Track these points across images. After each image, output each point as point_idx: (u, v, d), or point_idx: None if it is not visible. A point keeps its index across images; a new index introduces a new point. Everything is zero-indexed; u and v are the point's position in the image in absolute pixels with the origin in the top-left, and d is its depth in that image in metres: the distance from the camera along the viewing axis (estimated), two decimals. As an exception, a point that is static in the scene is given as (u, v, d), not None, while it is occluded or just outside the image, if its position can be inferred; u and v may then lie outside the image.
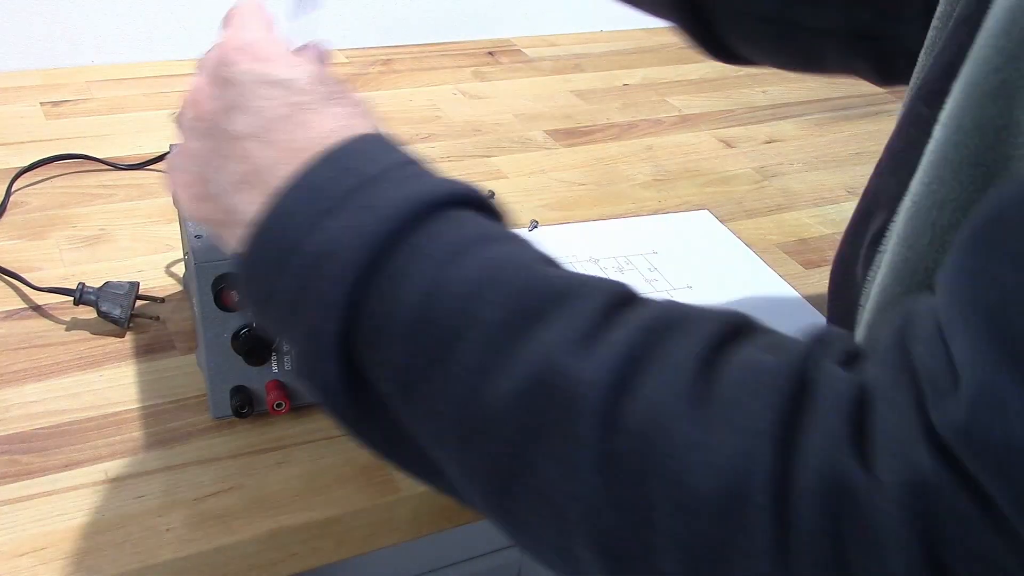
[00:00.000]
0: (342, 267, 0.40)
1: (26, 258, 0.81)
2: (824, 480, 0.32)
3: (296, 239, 0.42)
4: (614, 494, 0.36)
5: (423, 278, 0.40)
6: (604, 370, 0.36)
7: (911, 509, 0.31)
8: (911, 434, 0.32)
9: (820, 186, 1.06)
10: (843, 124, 1.20)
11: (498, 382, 0.38)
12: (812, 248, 0.94)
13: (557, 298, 0.39)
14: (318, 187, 0.43)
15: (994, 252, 0.31)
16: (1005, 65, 0.35)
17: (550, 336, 0.38)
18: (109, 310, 0.72)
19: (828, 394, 0.34)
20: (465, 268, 0.40)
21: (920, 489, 0.31)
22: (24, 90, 1.11)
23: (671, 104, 1.23)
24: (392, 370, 0.41)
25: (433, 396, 0.40)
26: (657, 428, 0.35)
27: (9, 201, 0.89)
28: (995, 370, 0.29)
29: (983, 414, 0.29)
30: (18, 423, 0.64)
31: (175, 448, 0.63)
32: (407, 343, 0.40)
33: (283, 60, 0.49)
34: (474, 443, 0.39)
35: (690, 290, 0.84)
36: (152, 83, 1.14)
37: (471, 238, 0.42)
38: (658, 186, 1.03)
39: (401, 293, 0.40)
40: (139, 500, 0.59)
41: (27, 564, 0.55)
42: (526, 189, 1.00)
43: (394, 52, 1.31)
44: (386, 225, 0.41)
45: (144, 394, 0.68)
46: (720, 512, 0.34)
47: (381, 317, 0.40)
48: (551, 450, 0.37)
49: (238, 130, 0.47)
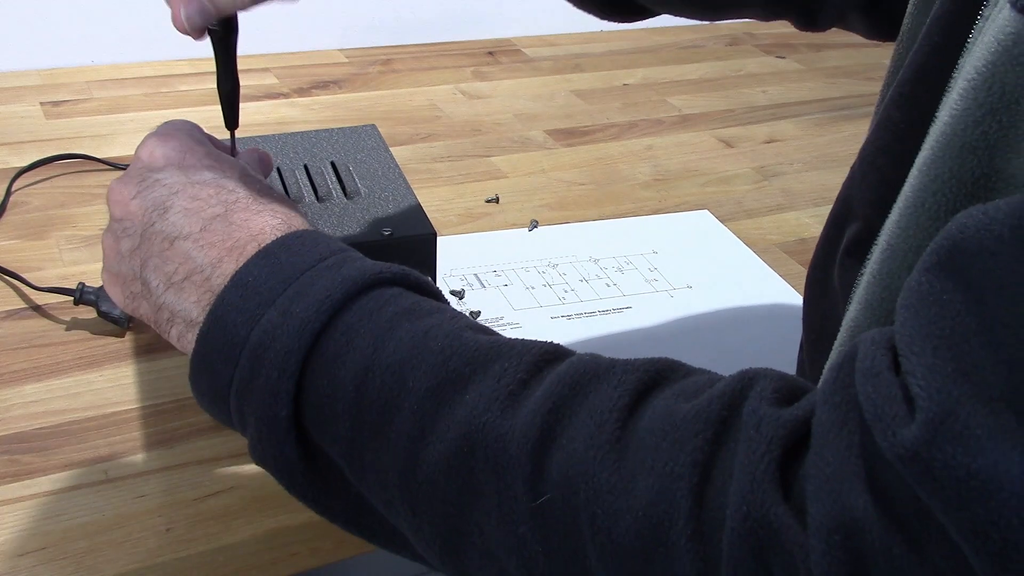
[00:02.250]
0: (285, 354, 0.43)
1: (26, 258, 0.81)
2: (745, 519, 0.33)
3: (242, 333, 0.44)
4: (547, 544, 0.37)
5: (359, 355, 0.43)
6: (528, 425, 0.38)
7: (839, 547, 0.31)
8: (846, 473, 0.32)
9: (820, 186, 1.06)
10: (843, 124, 1.20)
11: (433, 446, 0.40)
12: (812, 248, 0.93)
13: (483, 361, 0.41)
14: (258, 282, 0.46)
15: (952, 279, 0.31)
16: (984, 118, 0.35)
17: (476, 398, 0.40)
18: (109, 310, 0.72)
19: (751, 435, 0.35)
20: (395, 341, 0.42)
21: (849, 528, 0.31)
22: (24, 90, 1.11)
23: (671, 104, 1.23)
24: (341, 444, 0.43)
25: (379, 465, 0.42)
26: (580, 476, 0.36)
27: (9, 201, 0.89)
28: (956, 396, 0.29)
29: (944, 438, 0.29)
30: (18, 423, 0.64)
31: (175, 448, 0.63)
32: (350, 418, 0.42)
33: (209, 162, 0.52)
34: (420, 507, 0.41)
35: (690, 290, 0.84)
36: (152, 83, 1.14)
37: (401, 312, 0.44)
38: (658, 186, 1.03)
39: (340, 372, 0.43)
40: (139, 500, 0.59)
41: (27, 564, 0.55)
42: (526, 189, 1.00)
43: (394, 52, 1.31)
44: (322, 308, 0.44)
45: (144, 394, 0.68)
46: (643, 554, 0.35)
47: (325, 397, 0.43)
48: (487, 506, 0.39)
49: (173, 231, 0.49)
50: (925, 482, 0.29)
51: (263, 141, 0.74)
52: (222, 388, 0.46)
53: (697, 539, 0.34)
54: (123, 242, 0.51)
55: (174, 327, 0.49)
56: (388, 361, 0.42)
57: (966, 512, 0.28)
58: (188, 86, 1.13)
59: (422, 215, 0.65)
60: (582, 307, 0.81)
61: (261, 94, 1.14)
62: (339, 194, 0.67)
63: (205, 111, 1.09)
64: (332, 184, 0.68)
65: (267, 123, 1.08)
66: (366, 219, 0.64)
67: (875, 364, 0.32)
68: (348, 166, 0.70)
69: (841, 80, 1.33)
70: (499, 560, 0.39)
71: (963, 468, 0.28)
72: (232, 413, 0.46)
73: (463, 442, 0.39)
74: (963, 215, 0.31)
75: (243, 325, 0.45)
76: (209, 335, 0.46)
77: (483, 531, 0.39)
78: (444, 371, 0.41)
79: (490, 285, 0.83)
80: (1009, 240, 0.30)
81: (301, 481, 0.45)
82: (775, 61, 1.39)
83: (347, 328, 0.44)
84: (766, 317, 0.82)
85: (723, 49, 1.43)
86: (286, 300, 0.44)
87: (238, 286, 0.46)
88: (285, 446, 0.44)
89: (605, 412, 0.37)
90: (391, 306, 0.45)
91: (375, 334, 0.43)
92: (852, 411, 0.33)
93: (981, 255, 0.30)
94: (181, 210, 0.49)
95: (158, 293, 0.49)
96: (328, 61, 1.26)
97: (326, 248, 0.47)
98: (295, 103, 1.14)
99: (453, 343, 0.42)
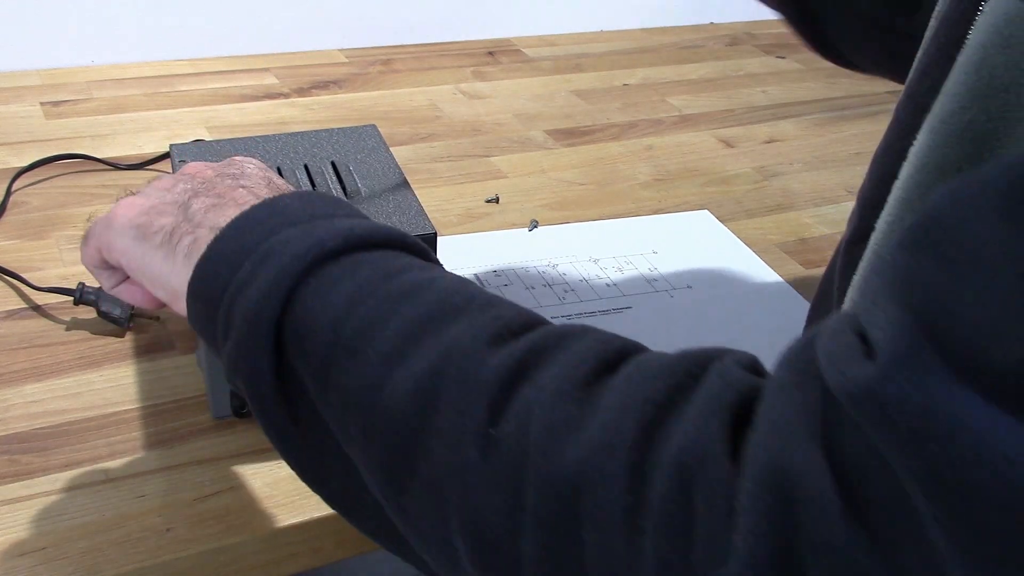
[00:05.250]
0: (292, 259, 0.44)
1: (26, 258, 0.81)
2: (683, 456, 0.33)
3: (255, 241, 0.45)
4: (491, 471, 0.37)
5: (358, 283, 0.43)
6: (507, 357, 0.39)
7: (772, 490, 0.31)
8: (793, 425, 0.32)
9: (820, 186, 1.06)
10: (843, 124, 1.20)
11: (405, 367, 0.40)
12: (812, 248, 0.94)
13: (483, 304, 0.42)
14: (288, 208, 0.47)
15: (926, 252, 0.30)
16: (972, 104, 0.35)
17: (464, 329, 0.40)
18: (109, 310, 0.72)
19: (713, 384, 0.35)
20: (399, 281, 0.43)
21: (786, 473, 0.31)
22: (24, 90, 1.11)
23: (671, 104, 1.23)
24: (314, 359, 0.43)
25: (345, 382, 0.42)
26: (540, 409, 0.37)
27: (9, 201, 0.89)
28: (918, 342, 0.29)
29: (902, 376, 0.28)
30: (18, 423, 0.64)
31: (175, 448, 0.63)
32: (331, 333, 0.43)
33: None
34: (375, 429, 0.41)
35: (690, 290, 0.84)
36: (152, 83, 1.14)
37: (416, 265, 0.45)
38: (658, 186, 1.03)
39: (333, 294, 0.43)
40: (139, 500, 0.59)
41: (27, 564, 0.55)
42: (526, 189, 1.00)
43: (394, 52, 1.31)
44: (341, 236, 0.45)
45: (144, 394, 0.68)
46: (579, 484, 0.35)
47: (313, 310, 0.43)
48: (441, 425, 0.39)
49: (242, 181, 0.52)
50: (877, 421, 0.29)
51: (263, 141, 0.74)
52: (217, 292, 0.45)
53: (635, 472, 0.34)
54: (179, 185, 0.52)
55: (189, 236, 0.49)
56: (386, 293, 0.43)
57: (921, 451, 0.28)
58: (188, 86, 1.13)
59: (422, 215, 0.65)
60: (582, 307, 0.81)
61: (261, 94, 1.14)
62: (339, 194, 0.67)
63: (205, 111, 1.09)
64: (332, 184, 0.68)
65: (267, 123, 1.08)
66: (366, 219, 0.64)
67: (839, 325, 0.32)
68: (348, 166, 0.70)
69: (841, 80, 1.33)
70: (440, 491, 0.39)
71: (920, 407, 0.28)
72: (219, 321, 0.46)
73: (437, 362, 0.39)
74: (936, 194, 0.31)
75: (260, 235, 0.45)
76: (223, 238, 0.46)
77: (431, 456, 0.39)
78: (440, 305, 0.42)
79: (490, 285, 0.82)
80: (984, 208, 0.29)
81: (270, 404, 0.44)
82: (775, 61, 1.39)
83: (357, 262, 0.44)
84: (766, 317, 0.82)
85: (723, 49, 1.43)
86: (311, 226, 0.45)
87: (268, 205, 0.47)
88: (262, 354, 0.44)
89: (584, 357, 0.38)
90: (408, 261, 0.46)
91: (384, 272, 0.44)
92: (811, 375, 0.32)
93: (954, 226, 0.30)
94: (257, 180, 0.52)
95: (193, 211, 0.50)
96: (328, 61, 1.26)
97: (353, 208, 0.49)
98: (295, 103, 1.14)
99: (459, 286, 0.43)
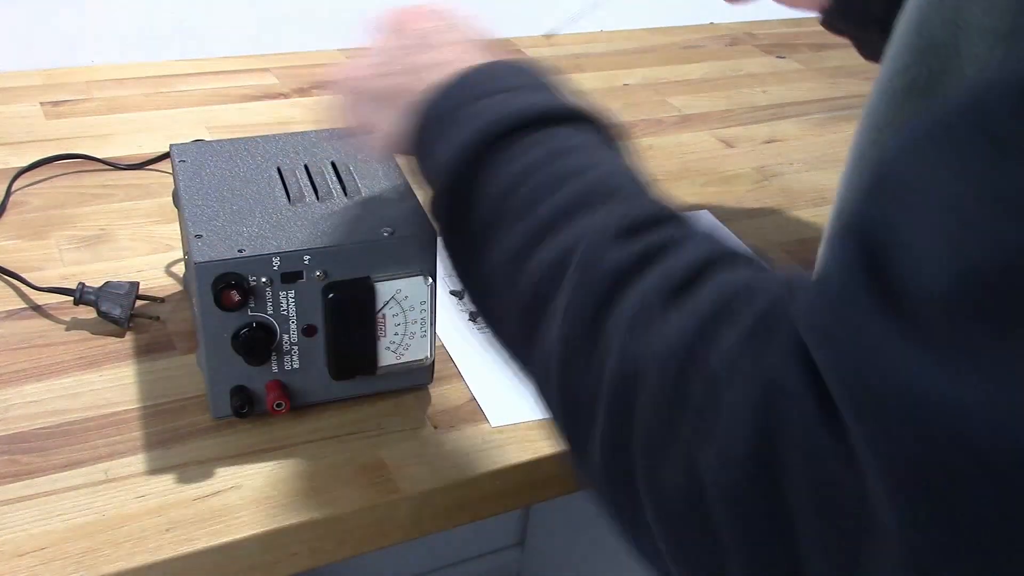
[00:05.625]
0: (498, 115, 0.49)
1: (26, 258, 0.81)
2: (720, 361, 0.35)
3: (476, 94, 0.51)
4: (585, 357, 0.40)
5: (537, 155, 0.47)
6: (623, 258, 0.41)
7: (762, 398, 0.32)
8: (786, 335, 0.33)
9: (820, 186, 1.06)
10: (843, 124, 1.20)
11: (557, 239, 0.44)
12: (812, 248, 0.93)
13: (628, 195, 0.46)
14: (502, 71, 0.53)
15: (875, 193, 0.31)
16: (913, 62, 0.35)
17: (601, 219, 0.43)
18: (109, 310, 0.72)
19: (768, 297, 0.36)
20: (572, 159, 0.47)
21: (775, 384, 0.32)
22: (24, 90, 1.11)
23: (671, 104, 1.23)
24: (487, 209, 0.48)
25: (504, 244, 0.46)
26: (638, 307, 0.39)
27: (9, 201, 0.89)
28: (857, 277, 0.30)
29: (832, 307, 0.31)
30: (18, 423, 0.64)
31: (175, 448, 0.63)
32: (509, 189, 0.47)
33: None
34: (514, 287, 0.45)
35: (690, 290, 0.84)
36: (152, 83, 1.14)
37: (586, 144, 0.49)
38: (658, 186, 1.03)
39: (525, 150, 0.48)
40: (139, 500, 0.59)
41: (27, 564, 0.55)
42: (526, 189, 0.99)
43: (394, 52, 1.31)
44: (548, 105, 0.50)
45: (144, 394, 0.68)
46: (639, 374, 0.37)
47: (504, 162, 0.48)
48: (561, 304, 0.42)
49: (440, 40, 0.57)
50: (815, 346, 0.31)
51: (263, 141, 0.74)
52: (442, 123, 0.51)
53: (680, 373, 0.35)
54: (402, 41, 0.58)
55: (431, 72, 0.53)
56: (563, 170, 0.46)
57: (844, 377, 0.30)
58: (188, 86, 1.13)
59: (422, 215, 0.65)
60: (582, 307, 0.81)
61: (261, 94, 1.14)
62: (339, 194, 0.67)
63: (205, 111, 1.09)
64: (332, 184, 0.68)
65: (267, 123, 1.07)
66: (366, 219, 0.64)
67: None
68: (348, 166, 0.70)
69: (841, 80, 1.33)
70: (548, 359, 0.42)
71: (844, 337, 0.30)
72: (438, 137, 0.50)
73: (573, 244, 0.42)
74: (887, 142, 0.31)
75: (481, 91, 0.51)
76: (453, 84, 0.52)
77: (549, 325, 0.42)
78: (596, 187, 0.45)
79: (490, 285, 0.82)
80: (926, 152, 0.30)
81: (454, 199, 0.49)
82: (775, 61, 1.39)
83: (547, 135, 0.48)
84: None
85: (723, 49, 1.43)
86: (524, 91, 0.51)
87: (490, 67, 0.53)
88: (465, 160, 0.48)
89: (687, 264, 0.39)
90: (583, 140, 0.49)
91: (560, 149, 0.47)
92: None
93: (901, 171, 0.31)
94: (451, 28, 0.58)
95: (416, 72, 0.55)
96: (328, 61, 1.26)
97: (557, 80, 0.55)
98: (295, 103, 1.14)
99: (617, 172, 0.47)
